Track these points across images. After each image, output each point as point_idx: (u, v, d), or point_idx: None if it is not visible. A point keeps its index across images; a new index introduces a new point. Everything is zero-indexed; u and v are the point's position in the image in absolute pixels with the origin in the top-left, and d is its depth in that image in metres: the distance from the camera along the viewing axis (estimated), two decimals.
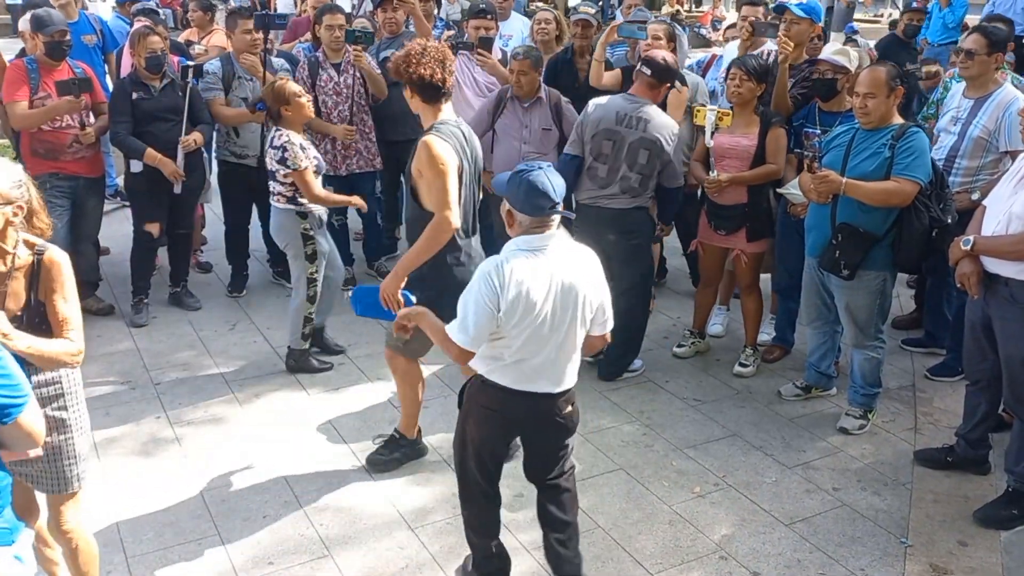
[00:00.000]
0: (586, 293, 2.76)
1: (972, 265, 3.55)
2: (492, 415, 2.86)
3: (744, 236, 4.65)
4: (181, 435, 4.14)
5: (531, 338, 2.70)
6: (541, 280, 2.67)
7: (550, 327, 2.72)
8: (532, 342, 2.71)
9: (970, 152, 4.44)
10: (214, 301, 5.66)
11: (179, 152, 5.10)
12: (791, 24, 4.80)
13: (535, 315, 2.67)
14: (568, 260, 2.75)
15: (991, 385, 3.75)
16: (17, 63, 5.04)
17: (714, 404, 4.54)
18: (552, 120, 5.11)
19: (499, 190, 2.78)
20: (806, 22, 4.85)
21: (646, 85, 4.43)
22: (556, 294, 2.70)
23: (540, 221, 2.70)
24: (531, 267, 2.67)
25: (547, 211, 2.68)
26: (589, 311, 2.79)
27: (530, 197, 2.66)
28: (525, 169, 2.71)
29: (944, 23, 10.75)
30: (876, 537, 3.52)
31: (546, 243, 2.71)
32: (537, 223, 2.70)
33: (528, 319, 2.67)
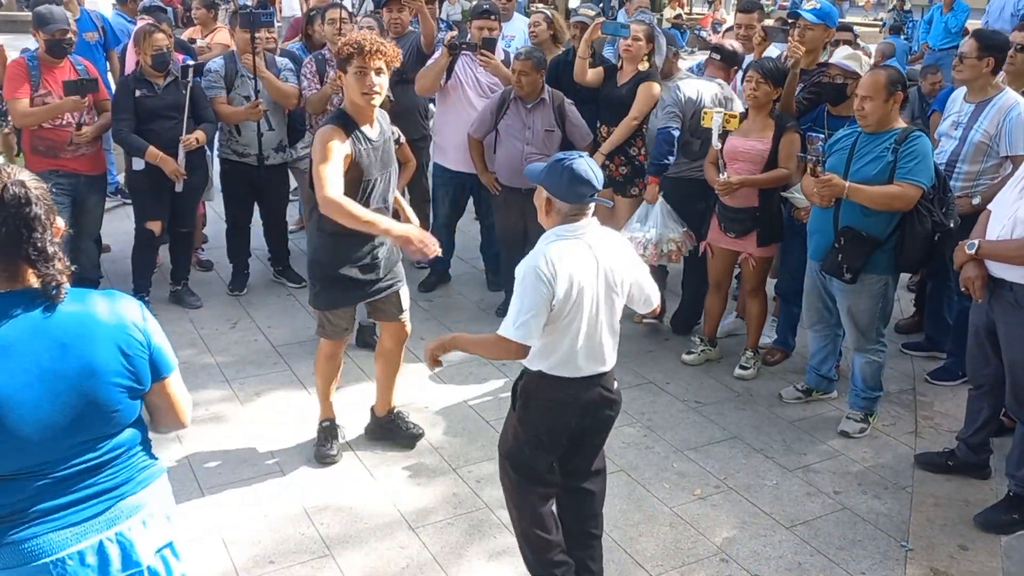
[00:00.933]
0: (624, 274, 2.86)
1: (977, 269, 3.55)
2: (559, 404, 2.87)
3: (754, 240, 4.64)
4: (182, 433, 4.12)
5: (583, 322, 2.77)
6: (587, 264, 2.76)
7: (599, 309, 2.80)
8: (585, 325, 2.78)
9: (971, 157, 4.44)
10: (215, 299, 5.66)
11: (180, 151, 5.10)
12: (804, 30, 4.79)
13: (586, 299, 2.76)
14: (605, 243, 2.84)
15: (993, 389, 3.75)
16: (18, 60, 5.04)
17: (715, 406, 4.54)
18: (555, 121, 5.11)
19: (534, 179, 2.84)
20: (820, 27, 4.83)
21: (718, 68, 5.05)
22: (600, 276, 2.79)
23: (578, 208, 2.77)
24: (575, 253, 2.75)
25: (588, 198, 2.76)
26: (625, 289, 2.89)
27: (573, 185, 2.72)
28: (565, 157, 2.76)
29: (946, 27, 10.79)
30: (877, 541, 3.52)
31: (584, 229, 2.79)
32: (575, 211, 2.77)
33: (580, 303, 2.75)
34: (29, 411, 1.81)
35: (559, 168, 2.74)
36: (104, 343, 1.90)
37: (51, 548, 1.88)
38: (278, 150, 5.62)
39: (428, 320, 5.45)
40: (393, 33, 5.83)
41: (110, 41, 7.16)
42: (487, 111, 5.22)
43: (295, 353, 4.97)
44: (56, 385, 1.84)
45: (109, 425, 1.95)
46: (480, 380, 4.74)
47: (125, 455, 2.02)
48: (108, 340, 1.91)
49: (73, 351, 1.86)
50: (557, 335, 2.77)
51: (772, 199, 4.63)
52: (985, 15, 9.99)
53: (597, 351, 2.85)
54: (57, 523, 1.90)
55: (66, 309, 1.88)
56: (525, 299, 2.70)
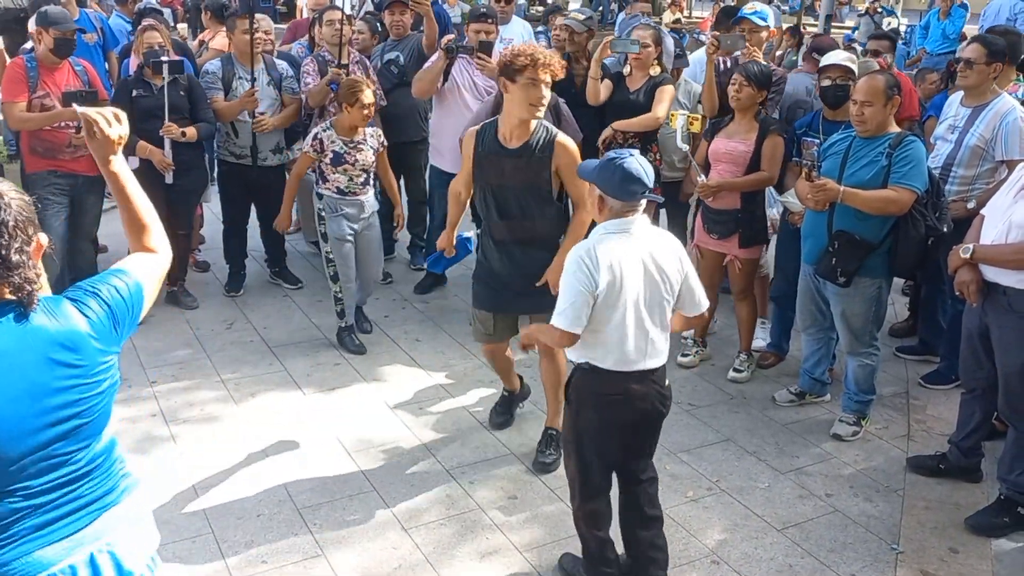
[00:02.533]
0: (671, 272, 2.90)
1: (971, 273, 3.56)
2: (614, 400, 2.92)
3: (737, 241, 4.67)
4: (176, 433, 4.15)
5: (631, 315, 2.83)
6: (632, 259, 2.82)
7: (645, 304, 2.86)
8: (633, 318, 2.84)
9: (966, 161, 4.46)
10: (211, 300, 5.67)
11: (165, 142, 5.09)
12: (751, 32, 5.17)
13: (630, 293, 2.82)
14: (653, 240, 2.90)
15: (986, 394, 3.76)
16: (16, 61, 5.04)
17: (708, 409, 4.55)
18: (552, 121, 5.13)
19: (587, 177, 2.93)
20: (763, 29, 5.27)
21: (814, 63, 5.10)
22: (646, 272, 2.84)
23: (630, 205, 2.84)
24: (621, 248, 2.81)
25: (640, 196, 2.82)
26: (675, 288, 2.93)
27: (625, 183, 2.79)
28: (616, 157, 2.82)
29: (944, 33, 10.82)
30: (868, 543, 3.53)
31: (632, 225, 2.85)
32: (627, 207, 2.84)
33: (625, 296, 2.81)
34: (15, 425, 1.74)
35: (612, 167, 2.81)
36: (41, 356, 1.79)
37: (41, 566, 1.84)
38: (275, 152, 5.64)
39: (424, 322, 5.46)
40: (394, 36, 5.86)
41: (109, 42, 7.18)
42: (483, 114, 5.22)
43: (290, 354, 4.99)
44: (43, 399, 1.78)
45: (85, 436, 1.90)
46: (475, 383, 4.75)
47: (104, 464, 1.99)
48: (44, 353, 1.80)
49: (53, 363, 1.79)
50: (606, 328, 2.84)
51: (754, 201, 4.66)
52: (982, 19, 10.03)
53: (646, 345, 2.89)
54: (45, 539, 1.85)
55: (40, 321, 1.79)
56: (569, 288, 2.80)
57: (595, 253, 2.79)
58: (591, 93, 5.15)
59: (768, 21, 5.33)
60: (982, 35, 4.57)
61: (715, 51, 5.03)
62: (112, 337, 1.90)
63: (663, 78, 5.16)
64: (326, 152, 4.83)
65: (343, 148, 4.84)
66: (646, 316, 2.87)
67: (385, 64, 5.79)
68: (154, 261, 2.10)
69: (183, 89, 5.15)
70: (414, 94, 5.58)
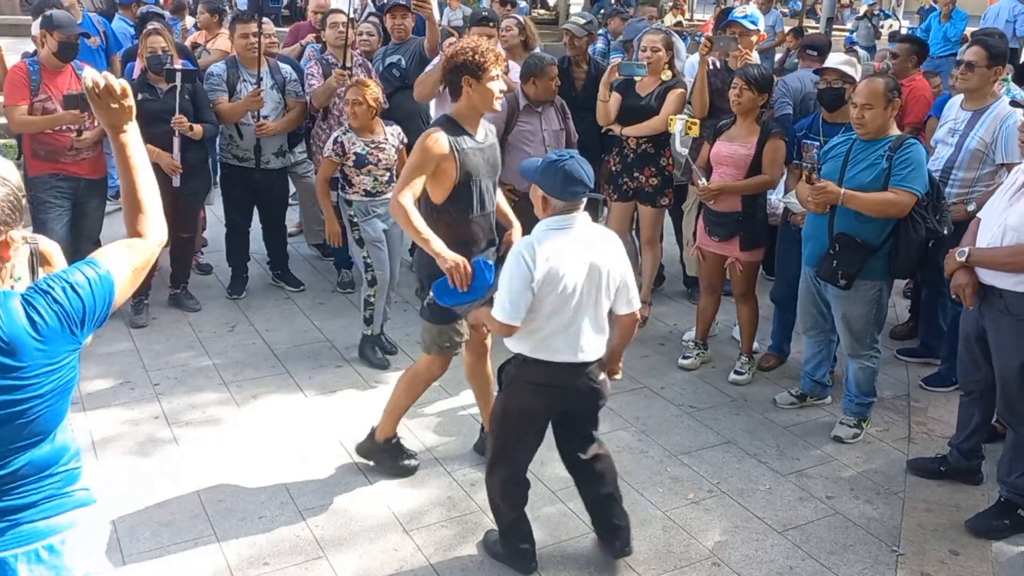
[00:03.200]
0: (610, 268, 3.00)
1: (967, 276, 3.57)
2: (540, 388, 3.07)
3: (738, 244, 4.68)
4: (179, 435, 4.16)
5: (564, 310, 2.94)
6: (570, 255, 2.92)
7: (580, 298, 2.95)
8: (565, 313, 2.95)
9: (967, 164, 4.47)
10: (214, 303, 5.69)
11: (175, 143, 5.10)
12: (742, 36, 5.28)
13: (566, 287, 2.92)
14: (592, 237, 3.00)
15: (984, 396, 3.77)
16: (19, 65, 5.06)
17: (709, 411, 4.56)
18: (560, 121, 5.23)
19: (530, 177, 3.02)
20: (753, 32, 5.40)
21: (816, 61, 5.40)
22: (583, 268, 2.94)
23: (572, 204, 2.96)
24: (560, 244, 2.92)
25: (580, 196, 2.94)
26: (613, 285, 3.03)
27: (567, 184, 2.91)
28: (558, 158, 2.94)
29: (945, 36, 10.84)
30: (868, 545, 3.54)
31: (572, 222, 2.96)
32: (568, 206, 2.96)
33: (560, 291, 2.91)
34: None
35: (554, 169, 2.92)
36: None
37: None
38: (278, 155, 5.66)
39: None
40: (396, 39, 5.88)
41: (112, 46, 7.20)
42: (496, 124, 5.22)
43: (293, 357, 5.00)
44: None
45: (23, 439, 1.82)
46: None
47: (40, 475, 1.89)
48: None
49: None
50: (540, 320, 2.96)
51: (755, 204, 4.67)
52: (982, 21, 10.06)
53: (579, 340, 3.00)
54: None
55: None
56: (509, 281, 2.93)
57: (534, 248, 2.90)
58: (601, 115, 5.25)
59: (758, 25, 5.46)
60: (982, 38, 4.58)
61: (708, 51, 5.07)
62: (63, 338, 1.80)
63: (675, 82, 5.21)
64: (348, 155, 4.79)
65: (365, 149, 4.82)
66: (581, 311, 2.97)
67: (387, 67, 5.81)
68: (136, 248, 2.02)
69: (187, 92, 5.16)
70: (416, 97, 5.59)
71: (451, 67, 3.49)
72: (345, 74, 5.36)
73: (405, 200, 3.46)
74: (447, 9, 16.73)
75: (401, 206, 3.45)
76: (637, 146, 5.24)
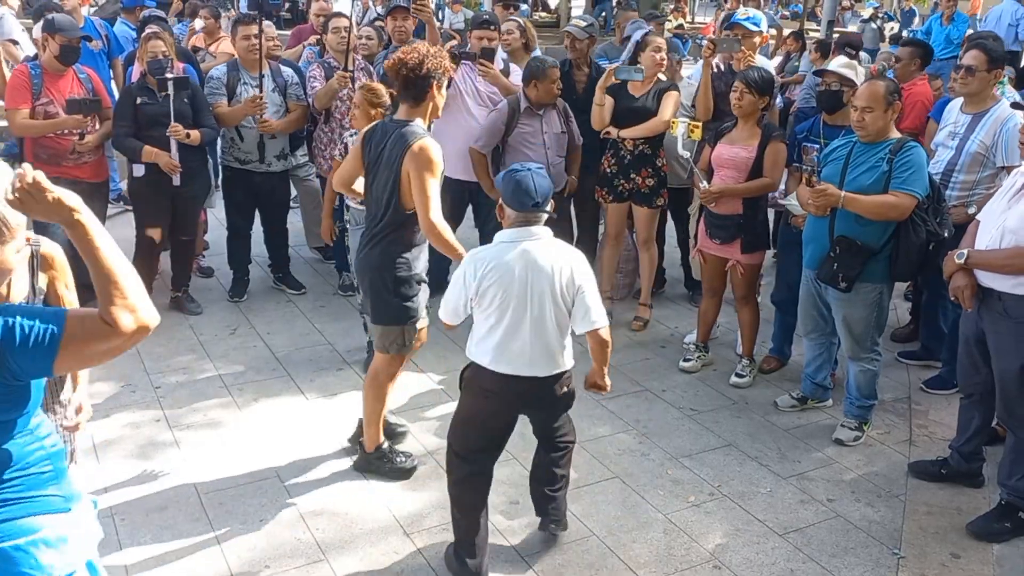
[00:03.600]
0: (560, 285, 3.02)
1: (966, 279, 3.57)
2: (491, 395, 3.15)
3: (739, 247, 4.68)
4: (180, 438, 4.16)
5: (505, 322, 3.02)
6: (519, 267, 2.99)
7: (522, 313, 3.01)
8: (508, 327, 3.03)
9: (967, 167, 4.48)
10: (215, 306, 5.69)
11: (172, 143, 5.08)
12: (744, 37, 5.26)
13: (506, 301, 3.00)
14: (545, 254, 3.03)
15: (984, 399, 3.77)
16: (20, 68, 5.08)
17: (710, 414, 4.56)
18: (562, 124, 5.23)
19: (496, 185, 3.18)
20: (756, 34, 5.36)
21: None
22: (526, 282, 3.00)
23: (525, 217, 3.04)
24: (506, 256, 3.00)
25: (528, 207, 3.02)
26: (563, 303, 3.05)
27: (516, 194, 3.02)
28: (516, 169, 3.06)
29: (948, 38, 10.85)
30: (869, 548, 3.53)
31: (526, 237, 3.03)
32: (523, 219, 3.04)
33: (500, 304, 3.00)
34: None
35: (507, 177, 3.05)
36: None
37: None
38: (280, 157, 5.67)
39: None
40: (397, 41, 5.90)
41: (114, 49, 7.22)
42: (497, 125, 5.23)
43: (294, 360, 5.00)
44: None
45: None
46: None
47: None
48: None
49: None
50: (484, 329, 3.07)
51: (756, 207, 4.68)
52: (982, 24, 10.06)
53: (527, 354, 3.06)
54: None
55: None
56: (453, 283, 3.10)
57: (480, 255, 3.04)
58: (596, 120, 5.26)
59: (761, 27, 5.43)
60: (981, 42, 4.59)
61: (711, 53, 5.08)
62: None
63: (669, 83, 5.24)
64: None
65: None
66: (525, 326, 3.02)
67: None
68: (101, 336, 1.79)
69: (186, 96, 5.16)
70: None
71: (423, 72, 3.47)
72: (347, 77, 5.37)
73: (440, 220, 3.51)
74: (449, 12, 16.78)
75: (438, 227, 3.50)
76: (634, 147, 5.25)
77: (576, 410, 4.43)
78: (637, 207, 5.37)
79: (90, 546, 2.15)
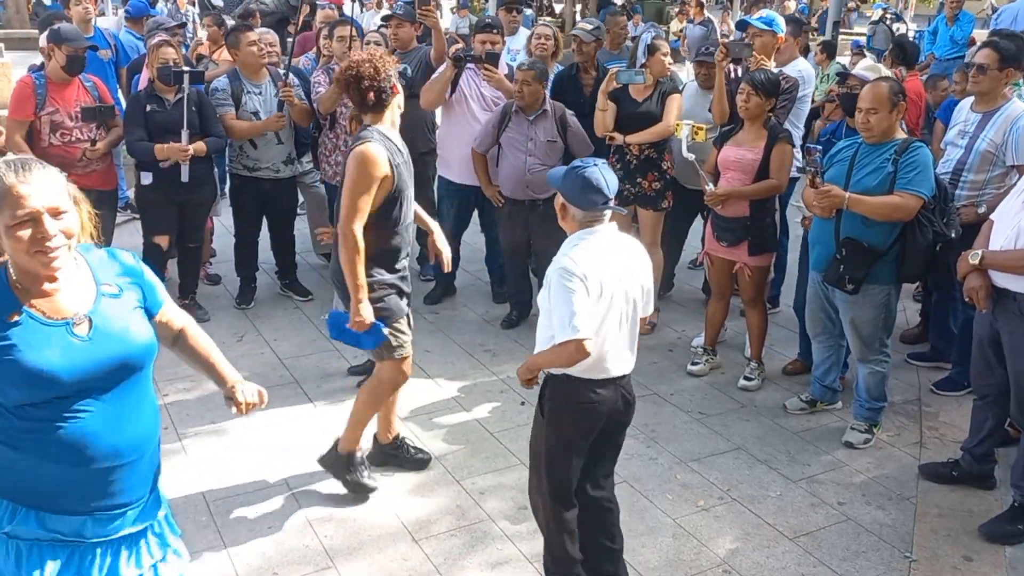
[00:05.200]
0: (642, 279, 2.94)
1: (980, 279, 3.55)
2: (590, 408, 2.90)
3: (746, 249, 4.67)
4: (188, 445, 4.17)
5: (611, 322, 2.84)
6: (611, 266, 2.83)
7: (619, 311, 2.86)
8: (613, 326, 2.85)
9: (977, 166, 4.45)
10: (222, 313, 5.70)
11: (183, 136, 5.06)
12: (754, 37, 5.17)
13: (608, 299, 2.81)
14: (623, 248, 2.92)
15: (998, 400, 3.74)
16: (25, 80, 5.09)
17: (719, 417, 4.54)
18: (557, 132, 5.17)
19: (554, 185, 2.92)
20: (768, 34, 5.19)
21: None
22: (623, 278, 2.86)
23: (593, 216, 2.85)
24: (598, 254, 2.82)
25: (600, 206, 2.83)
26: (645, 293, 2.96)
27: (585, 192, 2.81)
28: (581, 165, 2.85)
29: (952, 38, 10.80)
30: (880, 551, 3.51)
31: (600, 235, 2.85)
32: (590, 217, 2.85)
33: (603, 304, 2.80)
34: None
35: (573, 175, 2.83)
36: None
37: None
38: (287, 162, 5.68)
39: (434, 332, 5.47)
40: (395, 47, 5.91)
41: (122, 59, 7.25)
42: (489, 125, 5.27)
43: (301, 366, 5.01)
44: None
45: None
46: (483, 392, 4.76)
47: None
48: None
49: None
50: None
51: (763, 209, 4.66)
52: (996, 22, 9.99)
53: (622, 352, 2.92)
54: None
55: None
56: (566, 299, 2.73)
57: (574, 262, 2.77)
58: (599, 125, 5.23)
59: (774, 27, 5.23)
60: (994, 40, 4.56)
61: (724, 58, 5.05)
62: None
63: (672, 86, 5.22)
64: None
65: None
66: (618, 324, 2.87)
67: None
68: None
69: (194, 104, 5.18)
70: (422, 105, 5.61)
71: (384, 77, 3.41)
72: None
73: (358, 231, 3.32)
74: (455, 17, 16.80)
75: (354, 238, 3.31)
76: (640, 152, 5.24)
77: None
78: (642, 210, 5.36)
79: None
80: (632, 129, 5.19)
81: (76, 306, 2.05)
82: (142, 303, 2.21)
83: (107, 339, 2.05)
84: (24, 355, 1.94)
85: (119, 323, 2.09)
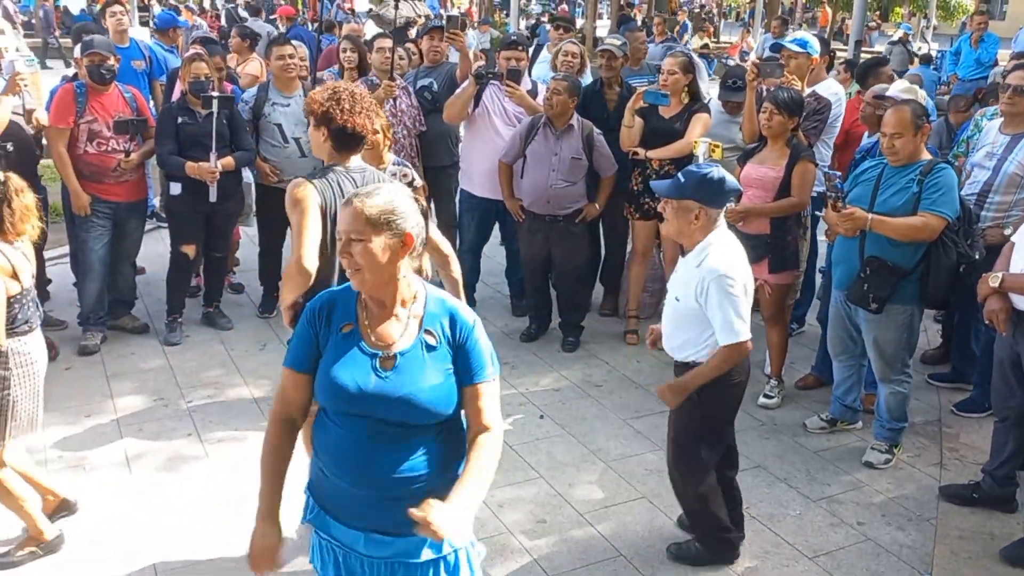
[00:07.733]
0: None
1: (1001, 302, 3.54)
2: (737, 384, 3.33)
3: (767, 267, 4.67)
4: (210, 451, 4.21)
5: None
6: (746, 266, 3.22)
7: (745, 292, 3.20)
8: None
9: (1004, 187, 4.44)
10: (245, 322, 5.76)
11: (212, 157, 5.13)
12: (789, 59, 5.15)
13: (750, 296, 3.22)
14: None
15: (1019, 422, 3.73)
16: (66, 88, 5.19)
17: (739, 435, 4.46)
18: (583, 150, 5.20)
19: (673, 194, 3.17)
20: (803, 56, 5.16)
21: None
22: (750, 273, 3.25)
23: (719, 212, 3.19)
24: (739, 258, 3.21)
25: (729, 200, 3.24)
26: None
27: (725, 192, 3.14)
28: (706, 170, 3.15)
29: (978, 60, 10.78)
30: (900, 572, 3.49)
31: (727, 232, 3.24)
32: (718, 214, 3.19)
33: (749, 301, 3.21)
34: None
35: (708, 180, 3.12)
36: None
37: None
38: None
39: None
40: (430, 61, 5.99)
41: (155, 71, 7.35)
42: (517, 136, 5.31)
43: None
44: None
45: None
46: (502, 405, 4.69)
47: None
48: None
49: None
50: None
51: (784, 227, 4.65)
52: (1014, 43, 9.98)
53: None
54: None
55: None
56: (730, 305, 3.10)
57: (730, 261, 3.14)
58: (625, 140, 5.27)
59: (810, 49, 5.16)
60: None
61: (755, 78, 5.07)
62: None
63: (699, 106, 5.25)
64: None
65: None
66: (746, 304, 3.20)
67: (418, 90, 5.89)
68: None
69: (224, 117, 5.24)
70: (445, 119, 5.67)
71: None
72: (394, 86, 5.46)
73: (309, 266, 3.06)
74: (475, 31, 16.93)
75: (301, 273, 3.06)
76: (660, 167, 5.27)
77: (602, 429, 4.43)
78: (663, 225, 5.36)
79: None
80: (656, 145, 5.23)
81: (393, 341, 2.19)
82: (453, 366, 2.27)
83: (400, 384, 2.17)
84: (330, 366, 2.20)
85: (416, 374, 2.19)
